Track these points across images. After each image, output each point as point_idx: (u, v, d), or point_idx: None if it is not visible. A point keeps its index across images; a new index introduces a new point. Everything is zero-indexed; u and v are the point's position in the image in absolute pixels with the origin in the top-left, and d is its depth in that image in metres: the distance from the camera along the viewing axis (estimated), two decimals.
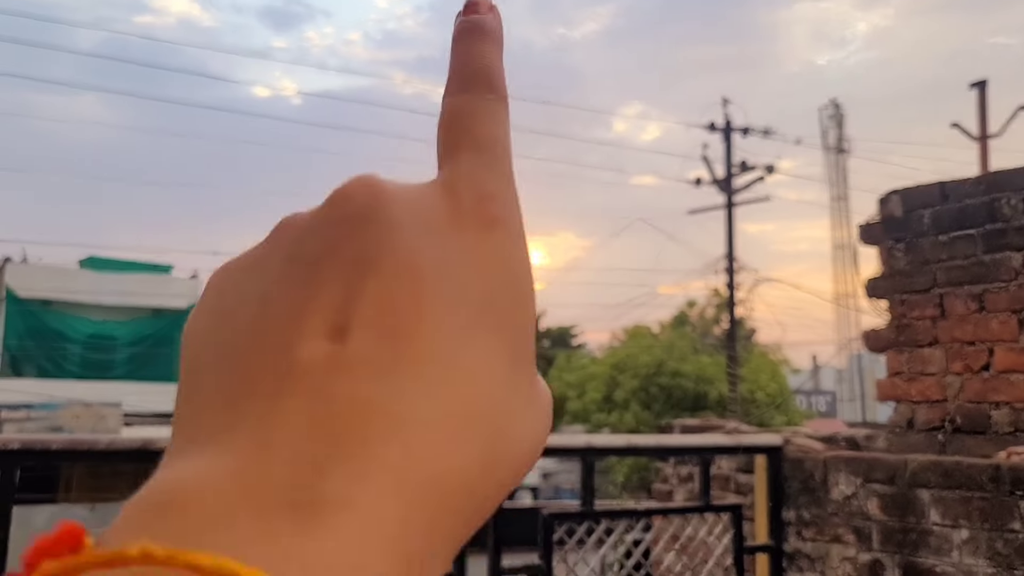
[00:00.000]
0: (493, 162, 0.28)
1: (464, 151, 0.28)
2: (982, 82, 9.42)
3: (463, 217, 0.26)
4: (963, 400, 3.24)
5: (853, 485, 3.04)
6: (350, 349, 0.23)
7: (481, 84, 0.30)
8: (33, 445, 2.28)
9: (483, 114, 0.29)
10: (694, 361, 23.07)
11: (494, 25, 0.32)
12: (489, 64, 0.30)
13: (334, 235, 0.25)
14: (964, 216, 3.40)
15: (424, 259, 0.25)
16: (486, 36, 0.31)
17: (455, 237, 0.26)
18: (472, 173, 0.28)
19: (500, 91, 0.30)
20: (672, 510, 3.37)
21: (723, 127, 20.31)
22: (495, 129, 0.29)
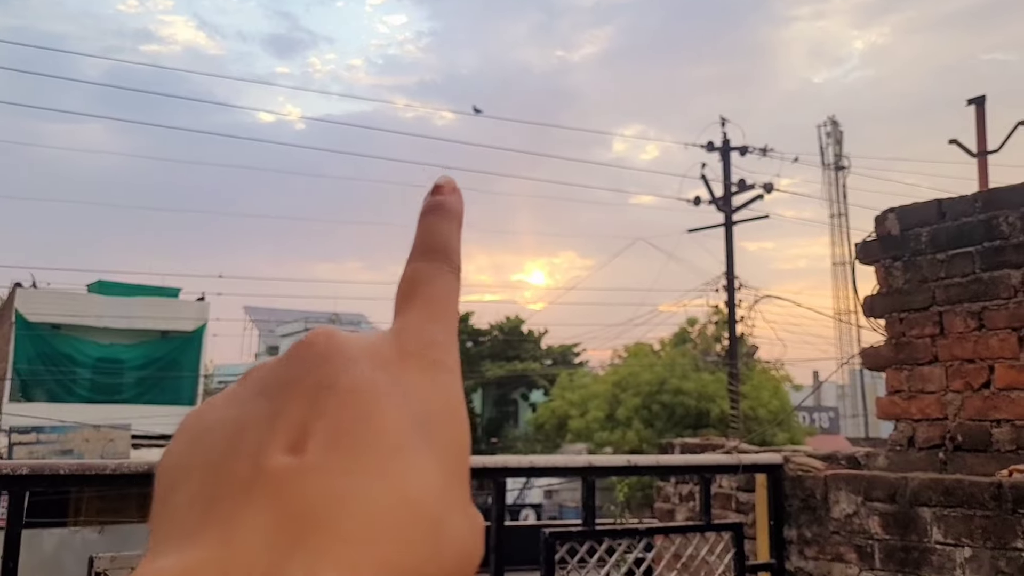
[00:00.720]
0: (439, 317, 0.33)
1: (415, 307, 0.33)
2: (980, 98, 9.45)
3: (409, 358, 0.31)
4: (963, 418, 3.24)
5: (854, 503, 3.03)
6: (308, 459, 0.27)
7: (439, 256, 0.35)
8: (42, 470, 2.28)
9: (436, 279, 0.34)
10: (695, 379, 23.02)
11: (455, 205, 0.37)
12: (447, 240, 0.35)
13: (297, 371, 0.30)
14: (962, 234, 3.41)
15: (374, 385, 0.29)
16: (447, 215, 0.36)
17: (401, 372, 0.30)
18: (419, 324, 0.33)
19: (454, 264, 0.35)
20: (673, 529, 3.37)
21: (721, 146, 20.38)
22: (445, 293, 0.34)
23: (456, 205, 0.37)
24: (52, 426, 18.84)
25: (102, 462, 2.41)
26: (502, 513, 2.78)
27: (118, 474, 2.33)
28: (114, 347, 23.42)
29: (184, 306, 24.87)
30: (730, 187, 20.13)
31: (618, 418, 23.43)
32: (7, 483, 2.20)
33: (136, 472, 2.35)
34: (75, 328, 22.90)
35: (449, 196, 0.37)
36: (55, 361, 22.35)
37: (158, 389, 23.32)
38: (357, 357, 0.30)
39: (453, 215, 0.36)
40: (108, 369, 23.06)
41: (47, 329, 22.65)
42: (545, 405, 28.79)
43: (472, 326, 38.59)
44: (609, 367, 27.48)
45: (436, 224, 0.36)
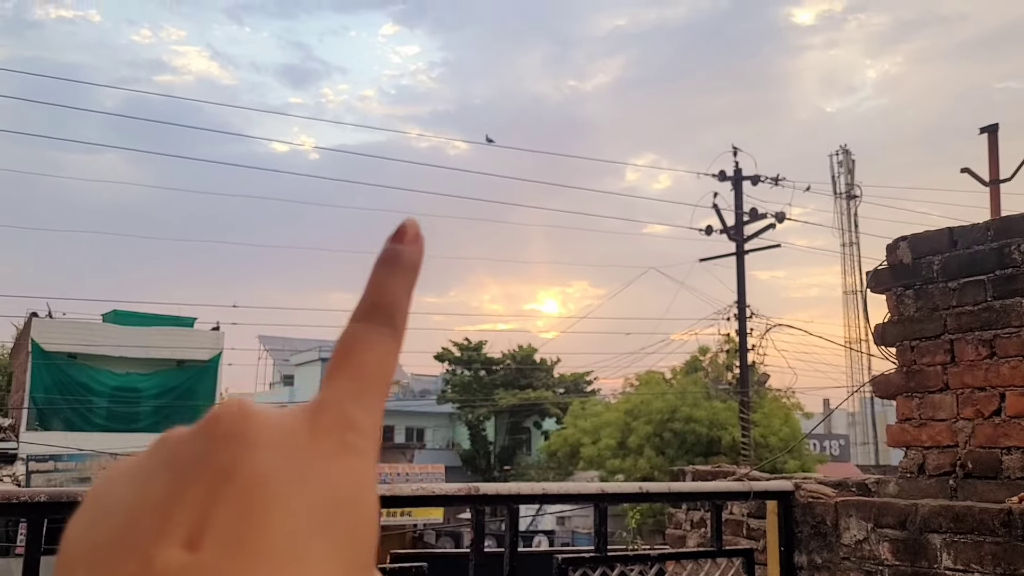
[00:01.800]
0: (363, 392, 0.32)
1: (341, 378, 0.32)
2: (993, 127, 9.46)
3: (321, 441, 0.30)
4: (974, 445, 3.25)
5: (864, 530, 3.05)
6: (202, 558, 0.26)
7: (381, 316, 0.34)
8: (60, 497, 2.28)
9: (372, 345, 0.33)
10: (707, 407, 22.97)
11: (412, 258, 0.35)
12: (394, 299, 0.34)
13: (201, 451, 0.29)
14: (974, 262, 3.43)
15: (276, 474, 0.29)
16: (401, 269, 0.35)
17: (309, 457, 0.30)
18: (341, 400, 0.32)
19: (397, 326, 0.34)
20: (685, 555, 3.38)
21: (733, 175, 20.46)
22: (379, 361, 0.33)
23: (413, 257, 0.35)
24: (70, 454, 18.93)
25: None
26: (515, 539, 2.81)
27: None
28: (130, 376, 23.59)
29: (199, 336, 25.06)
30: (742, 216, 20.17)
31: (630, 446, 23.36)
32: (25, 511, 2.22)
33: None
34: (91, 357, 23.05)
35: (409, 245, 0.35)
36: (71, 390, 22.52)
37: (174, 417, 23.40)
38: (263, 441, 0.29)
39: (407, 268, 0.35)
40: (125, 398, 23.21)
41: (63, 358, 22.81)
42: (557, 433, 28.72)
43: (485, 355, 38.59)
44: (621, 395, 27.43)
45: (387, 279, 0.35)
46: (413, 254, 0.35)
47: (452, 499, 3.48)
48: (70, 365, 22.86)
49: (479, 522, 2.74)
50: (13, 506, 2.28)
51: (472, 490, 2.77)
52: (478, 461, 37.54)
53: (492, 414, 37.23)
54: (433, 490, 2.92)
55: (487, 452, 38.11)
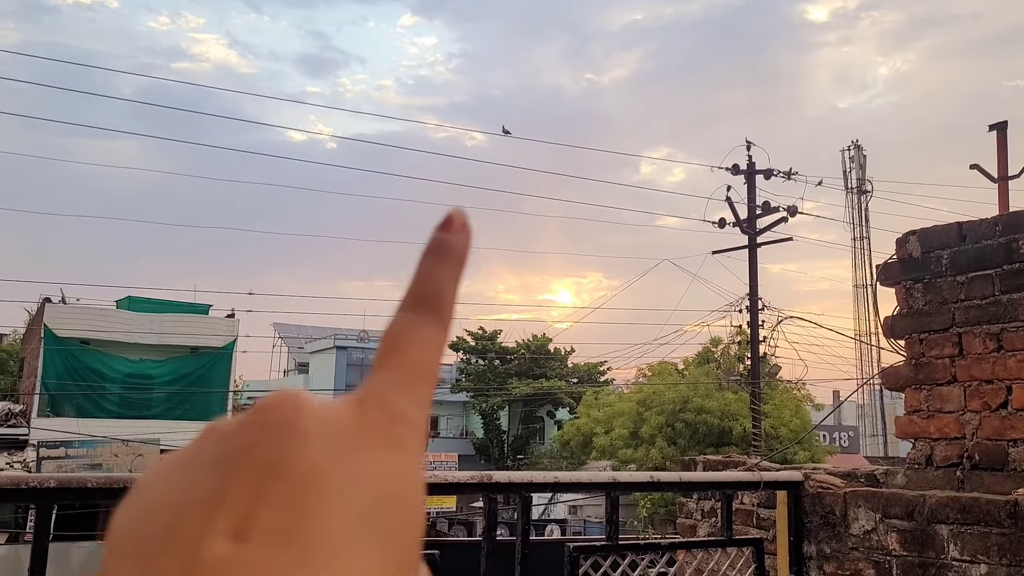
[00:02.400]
0: (411, 384, 0.32)
1: (389, 369, 0.32)
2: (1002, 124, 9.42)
3: (369, 434, 0.30)
4: (981, 437, 3.29)
5: (873, 520, 3.09)
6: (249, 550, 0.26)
7: (428, 307, 0.34)
8: (69, 483, 2.25)
9: (419, 337, 0.33)
10: (718, 398, 23.00)
11: (460, 247, 0.35)
12: (441, 289, 0.34)
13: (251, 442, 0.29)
14: (982, 256, 3.45)
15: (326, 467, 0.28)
16: (448, 258, 0.34)
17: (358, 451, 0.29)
18: (387, 393, 0.31)
19: (443, 316, 0.34)
20: (695, 544, 3.43)
21: (746, 169, 20.42)
22: (425, 354, 0.33)
23: (461, 246, 0.35)
24: (81, 441, 19.04)
25: (130, 475, 2.34)
26: (527, 527, 2.85)
27: None
28: (144, 363, 23.62)
29: (214, 323, 25.07)
30: (755, 210, 20.14)
31: (642, 436, 23.42)
32: (35, 496, 2.20)
33: None
34: (104, 343, 23.10)
35: (456, 235, 0.35)
36: (84, 376, 22.55)
37: (188, 404, 23.46)
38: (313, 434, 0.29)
39: (455, 258, 0.34)
40: (138, 384, 23.23)
41: (76, 344, 22.83)
42: (571, 423, 28.80)
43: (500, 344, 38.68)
44: (634, 386, 27.47)
45: (434, 269, 0.34)
46: (460, 244, 0.35)
47: (465, 487, 3.53)
48: (83, 351, 22.87)
49: (491, 510, 2.78)
50: (23, 492, 2.24)
51: (485, 478, 2.81)
52: (491, 450, 37.67)
53: (506, 403, 37.32)
54: (446, 478, 2.96)
55: (500, 441, 38.23)
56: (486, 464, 35.24)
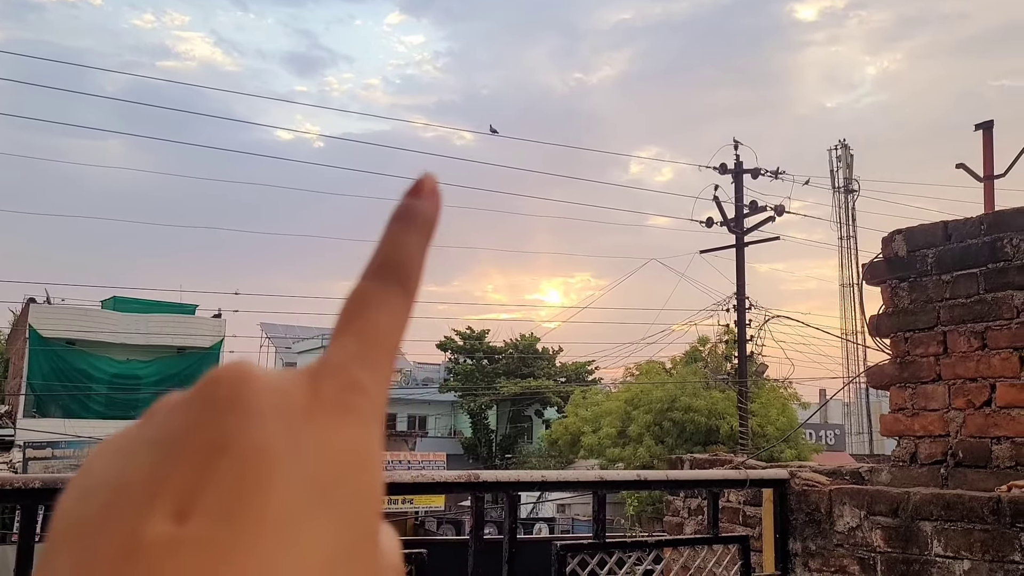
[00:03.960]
0: (369, 353, 0.30)
1: (347, 337, 0.30)
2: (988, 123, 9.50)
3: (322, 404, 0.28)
4: (965, 435, 3.31)
5: (857, 517, 3.11)
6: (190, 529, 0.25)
7: (391, 275, 0.32)
8: (55, 483, 2.24)
9: (382, 305, 0.31)
10: (706, 396, 23.13)
11: (428, 213, 0.33)
12: (407, 256, 0.32)
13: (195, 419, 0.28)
14: (967, 255, 3.47)
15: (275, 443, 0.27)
16: (415, 225, 0.33)
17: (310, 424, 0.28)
18: (343, 363, 0.30)
19: (408, 285, 0.32)
20: (682, 541, 3.44)
21: (733, 169, 20.51)
22: (387, 322, 0.31)
23: (430, 212, 0.33)
24: (68, 441, 18.91)
25: None
26: (515, 526, 2.85)
27: None
28: (130, 363, 23.51)
29: (201, 323, 25.01)
30: (742, 209, 20.23)
31: (630, 435, 23.52)
32: (20, 497, 2.19)
33: None
34: (90, 344, 22.96)
35: (425, 200, 0.33)
36: (70, 377, 22.42)
37: None
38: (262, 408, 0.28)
39: (423, 225, 0.33)
40: (124, 385, 23.10)
41: (62, 345, 22.69)
42: (559, 422, 28.86)
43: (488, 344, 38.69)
44: (622, 385, 27.55)
45: (401, 235, 0.32)
46: (430, 209, 0.33)
47: (452, 486, 3.53)
48: (68, 351, 22.76)
49: (479, 509, 2.79)
50: (7, 492, 2.23)
51: (472, 477, 2.82)
52: (480, 449, 37.67)
53: (494, 403, 37.34)
54: (433, 477, 2.96)
55: (489, 440, 38.24)
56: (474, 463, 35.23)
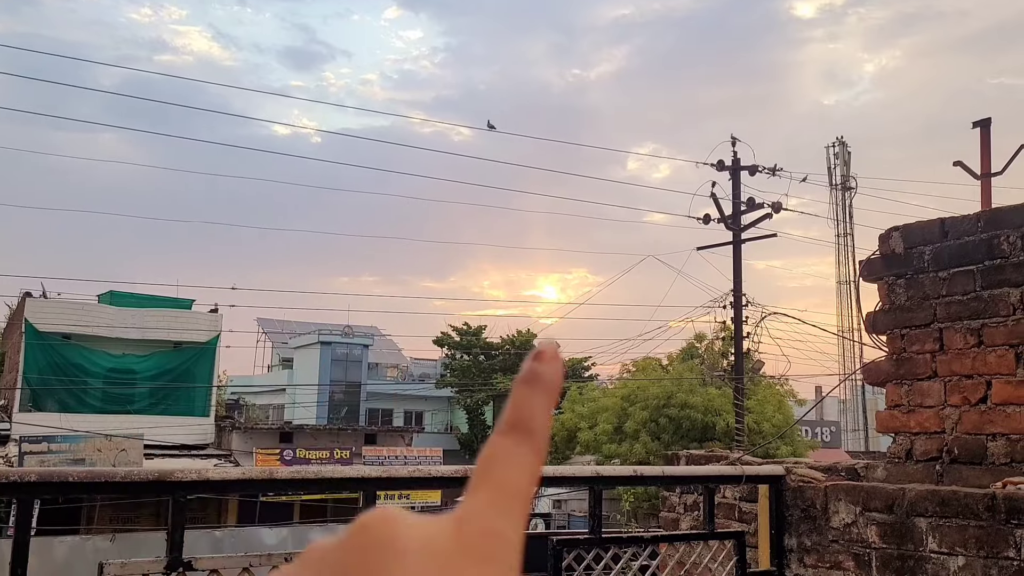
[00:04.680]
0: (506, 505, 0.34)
1: (484, 490, 0.34)
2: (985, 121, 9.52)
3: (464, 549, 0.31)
4: (960, 432, 3.32)
5: (853, 513, 3.12)
6: None
7: (521, 433, 0.36)
8: (50, 477, 2.25)
9: (513, 461, 0.35)
10: (702, 393, 23.17)
11: (551, 376, 0.37)
12: (533, 416, 0.36)
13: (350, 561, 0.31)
14: (964, 252, 3.47)
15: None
16: (540, 388, 0.37)
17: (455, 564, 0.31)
18: (483, 512, 0.33)
19: (535, 441, 0.36)
20: (677, 537, 3.45)
21: (731, 165, 20.51)
22: (518, 477, 0.35)
23: (552, 377, 0.37)
24: (64, 436, 18.90)
25: (112, 470, 2.35)
26: None
27: (128, 482, 2.30)
28: (126, 357, 23.42)
29: (197, 317, 24.86)
30: (739, 206, 20.24)
31: (626, 431, 23.55)
32: (15, 490, 2.19)
33: (146, 480, 2.33)
34: (87, 338, 22.87)
35: (548, 365, 0.37)
36: (66, 371, 22.32)
37: (171, 400, 23.35)
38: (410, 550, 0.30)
39: (546, 388, 0.37)
40: (120, 379, 23.05)
41: (58, 339, 22.59)
42: (555, 418, 28.88)
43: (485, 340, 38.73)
44: (618, 381, 27.59)
45: (527, 397, 0.36)
46: (551, 374, 0.37)
47: (448, 481, 3.54)
48: (65, 346, 22.66)
49: None
50: (3, 486, 2.23)
51: (468, 472, 2.82)
52: (476, 445, 37.70)
53: (491, 399, 37.37)
54: (429, 472, 2.98)
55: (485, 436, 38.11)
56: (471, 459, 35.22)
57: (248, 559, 2.44)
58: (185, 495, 2.29)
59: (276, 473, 2.61)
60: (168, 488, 2.28)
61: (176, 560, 2.23)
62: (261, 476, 2.66)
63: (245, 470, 2.84)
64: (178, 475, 2.32)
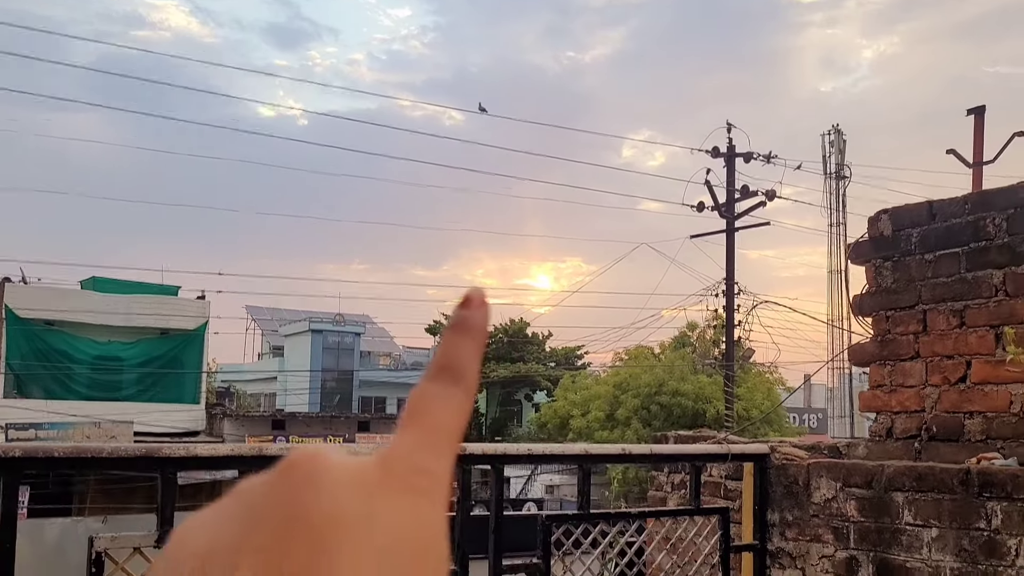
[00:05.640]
0: (434, 443, 0.34)
1: (413, 430, 0.34)
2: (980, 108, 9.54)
3: (391, 483, 0.32)
4: (939, 410, 3.39)
5: (833, 489, 3.19)
6: None
7: (449, 376, 0.36)
8: (36, 452, 2.23)
9: (441, 403, 0.36)
10: (693, 381, 23.31)
11: (479, 321, 0.38)
12: (462, 360, 0.37)
13: (274, 494, 0.31)
14: (950, 235, 3.50)
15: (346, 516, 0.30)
16: (468, 332, 0.38)
17: (379, 499, 0.31)
18: (410, 451, 0.33)
19: (465, 385, 0.36)
20: (664, 512, 3.52)
21: (726, 152, 20.53)
22: (447, 417, 0.35)
23: (480, 322, 0.38)
24: (51, 422, 18.70)
25: (99, 445, 2.30)
26: (500, 497, 2.90)
27: (116, 457, 2.27)
28: (112, 344, 22.96)
29: (184, 304, 24.38)
30: (733, 193, 20.29)
31: (618, 418, 23.68)
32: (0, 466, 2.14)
33: (134, 456, 2.32)
34: (70, 325, 22.34)
35: (475, 311, 0.38)
36: (50, 357, 21.87)
37: (160, 386, 23.01)
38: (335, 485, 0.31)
39: (475, 332, 0.37)
40: (107, 367, 22.63)
41: (40, 325, 22.05)
42: (548, 405, 29.01)
43: None
44: (610, 369, 27.71)
45: (455, 342, 0.37)
46: (479, 319, 0.38)
47: None
48: (48, 332, 22.21)
49: (465, 482, 2.83)
50: None
51: (459, 450, 2.85)
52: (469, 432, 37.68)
53: (484, 386, 37.49)
54: None
55: (478, 423, 38.40)
56: None
57: None
58: (174, 471, 2.27)
59: (266, 449, 2.61)
60: (157, 464, 2.26)
61: (167, 534, 2.18)
62: (251, 453, 2.62)
63: (234, 447, 2.84)
64: (166, 451, 2.30)
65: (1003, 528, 2.69)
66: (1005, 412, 3.18)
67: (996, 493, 2.72)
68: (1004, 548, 2.69)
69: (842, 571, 3.14)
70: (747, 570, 3.39)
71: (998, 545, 2.70)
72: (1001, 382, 3.21)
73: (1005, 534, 2.68)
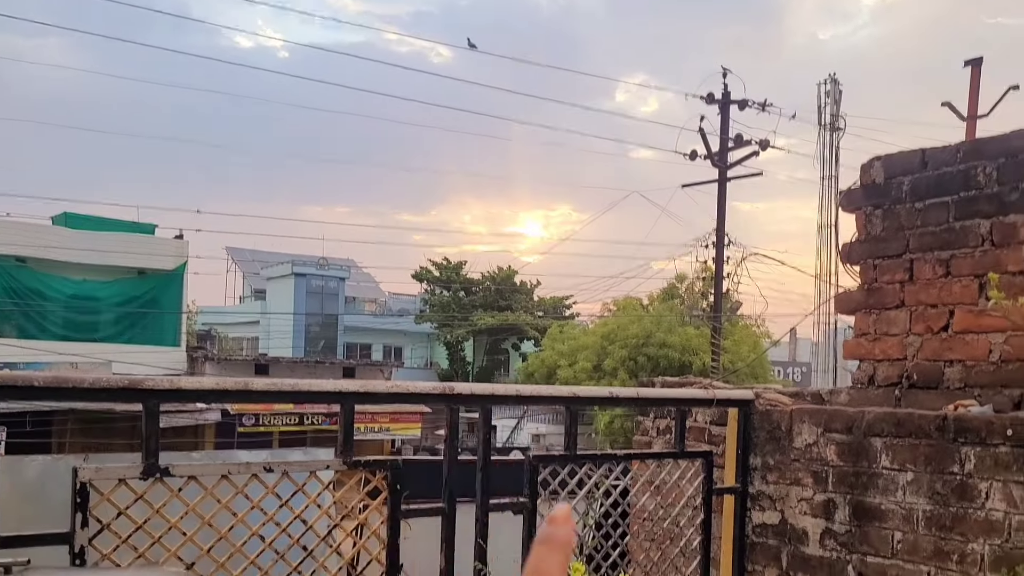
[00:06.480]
0: None
1: None
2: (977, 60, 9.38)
3: None
4: (920, 358, 3.43)
5: (814, 434, 3.24)
6: None
7: None
8: (14, 381, 2.14)
9: None
10: (680, 333, 23.48)
11: (565, 537, 0.44)
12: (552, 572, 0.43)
13: None
14: (941, 183, 3.49)
15: None
16: (556, 548, 0.43)
17: None
18: None
19: None
20: (649, 455, 3.57)
21: (721, 99, 20.33)
22: None
23: (566, 537, 0.44)
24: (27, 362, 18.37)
25: (80, 375, 2.20)
26: (488, 436, 2.91)
27: (98, 388, 2.20)
28: (87, 283, 22.21)
29: (161, 243, 23.61)
30: (727, 141, 20.16)
31: (605, 369, 23.90)
32: None
33: (117, 387, 2.27)
34: (41, 262, 21.52)
35: (561, 527, 0.44)
36: (22, 295, 21.20)
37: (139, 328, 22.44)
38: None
39: (562, 547, 0.43)
40: (82, 306, 22.03)
41: (11, 262, 21.26)
42: (535, 355, 29.22)
43: (465, 276, 38.75)
44: (599, 320, 27.87)
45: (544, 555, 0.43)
46: (564, 535, 0.44)
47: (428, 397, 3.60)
48: (19, 269, 21.46)
49: (453, 421, 2.85)
50: None
51: (447, 389, 2.87)
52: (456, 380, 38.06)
53: (471, 335, 37.61)
54: (408, 388, 3.02)
55: (465, 372, 38.64)
56: None
57: (227, 467, 2.43)
58: (157, 403, 2.23)
59: (251, 384, 2.54)
60: (140, 395, 2.21)
61: (152, 466, 2.19)
62: (236, 387, 2.52)
63: (219, 380, 2.78)
64: (150, 383, 2.25)
65: (975, 472, 2.75)
66: (984, 360, 3.23)
67: (970, 439, 2.78)
68: (975, 491, 2.75)
69: (819, 513, 3.21)
70: (728, 512, 3.46)
71: (969, 488, 2.77)
72: (982, 331, 3.24)
73: (977, 478, 2.75)
